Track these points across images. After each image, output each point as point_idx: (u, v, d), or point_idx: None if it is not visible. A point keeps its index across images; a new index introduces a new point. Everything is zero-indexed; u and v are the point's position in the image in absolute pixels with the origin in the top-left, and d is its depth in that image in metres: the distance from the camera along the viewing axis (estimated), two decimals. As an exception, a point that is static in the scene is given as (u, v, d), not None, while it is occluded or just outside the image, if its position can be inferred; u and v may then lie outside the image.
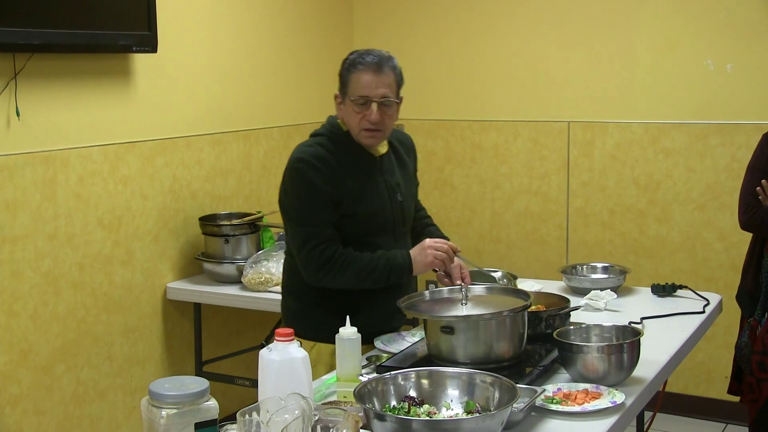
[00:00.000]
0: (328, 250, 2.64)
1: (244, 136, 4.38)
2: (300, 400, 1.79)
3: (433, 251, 2.70)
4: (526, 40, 4.76)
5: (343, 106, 2.74)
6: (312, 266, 2.66)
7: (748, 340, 3.33)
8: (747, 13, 4.26)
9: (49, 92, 3.45)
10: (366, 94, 2.68)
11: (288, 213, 2.74)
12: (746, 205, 3.27)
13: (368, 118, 2.69)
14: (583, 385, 2.30)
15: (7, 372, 3.34)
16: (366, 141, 2.74)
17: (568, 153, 4.72)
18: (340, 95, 2.75)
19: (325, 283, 2.68)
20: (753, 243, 3.40)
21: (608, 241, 4.67)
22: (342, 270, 2.64)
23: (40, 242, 3.43)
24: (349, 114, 2.72)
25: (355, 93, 2.69)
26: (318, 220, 2.66)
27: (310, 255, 2.65)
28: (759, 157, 3.33)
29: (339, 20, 5.03)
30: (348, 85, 2.71)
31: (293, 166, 2.70)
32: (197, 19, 4.11)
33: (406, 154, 2.96)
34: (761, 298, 3.31)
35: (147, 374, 3.90)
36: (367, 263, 2.66)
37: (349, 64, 2.72)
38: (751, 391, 3.32)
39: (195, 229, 4.09)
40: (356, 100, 2.68)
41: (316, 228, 2.66)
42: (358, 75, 2.69)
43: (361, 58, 2.70)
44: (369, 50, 2.74)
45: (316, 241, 2.65)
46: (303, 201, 2.67)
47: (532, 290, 2.90)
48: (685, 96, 4.43)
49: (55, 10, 3.35)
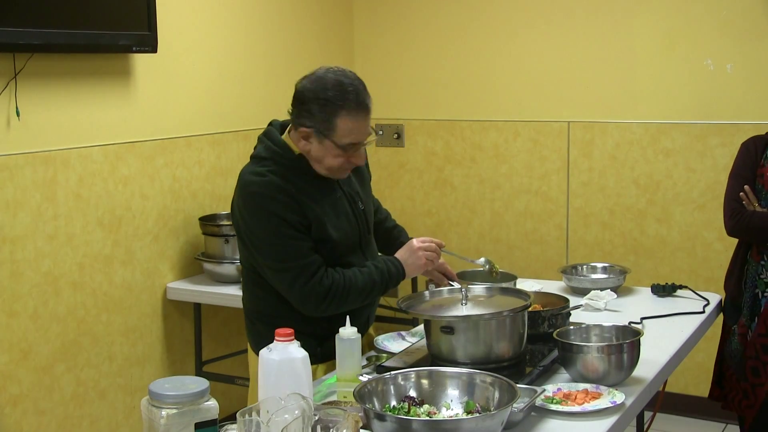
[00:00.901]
0: (325, 279, 2.48)
1: (244, 136, 4.38)
2: (300, 400, 1.79)
3: (424, 252, 2.62)
4: (526, 40, 4.76)
5: (314, 143, 2.49)
6: (312, 301, 2.48)
7: (740, 346, 3.32)
8: (747, 13, 4.26)
9: (49, 92, 3.45)
10: (357, 140, 2.48)
11: (259, 249, 2.51)
12: (732, 211, 3.27)
13: (355, 161, 2.53)
14: (583, 385, 2.30)
15: (7, 372, 3.34)
16: (341, 176, 2.58)
17: (568, 153, 4.72)
18: (313, 133, 2.47)
19: (329, 312, 2.52)
20: (737, 249, 3.39)
21: (608, 241, 4.67)
22: (344, 296, 2.50)
23: (40, 242, 3.43)
24: (325, 153, 2.48)
25: (343, 139, 2.46)
26: (300, 252, 2.47)
27: (306, 290, 2.47)
28: (740, 164, 3.34)
29: (339, 20, 5.03)
30: (333, 129, 2.44)
31: (255, 204, 2.48)
32: (197, 19, 4.11)
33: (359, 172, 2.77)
34: (747, 303, 3.30)
35: (147, 374, 3.90)
36: (365, 282, 2.53)
37: (331, 105, 2.44)
38: (746, 396, 3.32)
39: (195, 229, 4.09)
40: (345, 146, 2.47)
41: (303, 260, 2.47)
42: (346, 120, 2.44)
43: (344, 97, 2.44)
44: (341, 79, 2.46)
45: (308, 274, 2.47)
46: (276, 236, 2.46)
47: (532, 290, 2.90)
48: (685, 96, 4.42)
49: (55, 10, 3.35)
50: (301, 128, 2.48)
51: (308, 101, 2.46)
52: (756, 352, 3.26)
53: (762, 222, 3.21)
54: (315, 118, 2.46)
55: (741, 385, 3.34)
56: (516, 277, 3.07)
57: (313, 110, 2.45)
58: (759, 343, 3.26)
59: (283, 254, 2.47)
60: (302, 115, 2.48)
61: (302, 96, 2.48)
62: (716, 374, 3.49)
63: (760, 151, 3.31)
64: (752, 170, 3.29)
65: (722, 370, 3.45)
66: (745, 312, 3.30)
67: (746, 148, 3.35)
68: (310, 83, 2.47)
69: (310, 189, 2.53)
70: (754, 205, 3.23)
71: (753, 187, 3.25)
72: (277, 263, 2.50)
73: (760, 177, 3.27)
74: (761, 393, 3.26)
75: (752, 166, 3.30)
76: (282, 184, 2.48)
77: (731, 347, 3.36)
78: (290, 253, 2.47)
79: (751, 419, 3.30)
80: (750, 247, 3.32)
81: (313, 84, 2.47)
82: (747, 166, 3.31)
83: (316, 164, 2.53)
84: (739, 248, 3.38)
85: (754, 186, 3.26)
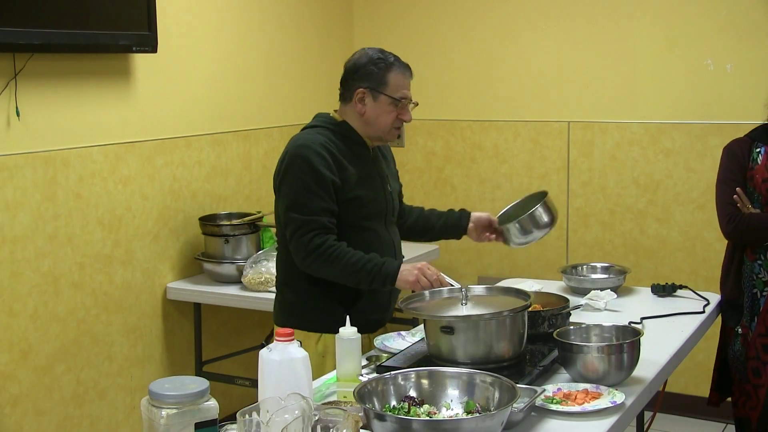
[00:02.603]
0: (318, 238, 2.66)
1: (244, 136, 4.38)
2: (300, 400, 1.79)
3: (422, 277, 2.64)
4: (526, 41, 4.76)
5: (369, 102, 2.78)
6: (300, 252, 2.68)
7: (742, 348, 3.31)
8: (747, 13, 4.26)
9: (49, 92, 3.45)
10: (407, 95, 2.79)
11: (285, 198, 2.74)
12: (728, 216, 3.25)
13: (404, 117, 2.81)
14: (583, 385, 2.30)
15: (7, 372, 3.34)
16: (391, 137, 2.85)
17: (568, 153, 4.72)
18: (368, 91, 2.77)
19: (312, 271, 2.72)
20: (731, 251, 3.37)
21: (608, 241, 4.67)
22: (329, 262, 2.66)
23: (40, 242, 3.43)
24: (380, 110, 2.78)
25: (396, 92, 2.77)
26: (316, 208, 2.68)
27: (300, 241, 2.67)
28: (726, 169, 3.32)
29: (339, 20, 5.03)
30: (386, 84, 2.76)
31: (296, 153, 2.72)
32: (197, 19, 4.11)
33: (386, 152, 3.04)
34: (746, 303, 3.30)
35: (147, 374, 3.90)
36: (356, 261, 2.66)
37: (383, 63, 2.77)
38: (749, 398, 3.31)
39: (195, 229, 4.09)
40: (397, 99, 2.77)
41: (313, 216, 2.67)
42: (397, 75, 2.78)
43: (395, 59, 2.79)
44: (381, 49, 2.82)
45: (309, 227, 2.67)
46: (304, 187, 2.68)
47: (532, 290, 2.90)
48: (685, 96, 4.43)
49: (55, 10, 3.35)
50: (358, 90, 2.77)
51: (362, 66, 2.78)
52: (756, 352, 3.26)
53: (759, 223, 3.20)
54: (370, 77, 2.76)
55: (743, 387, 3.33)
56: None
57: (368, 70, 2.77)
58: (759, 342, 3.26)
59: (302, 203, 2.68)
60: (357, 79, 2.78)
61: (354, 66, 2.80)
62: (715, 380, 3.49)
63: (746, 154, 3.29)
64: (741, 173, 3.28)
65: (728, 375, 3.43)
66: (745, 313, 3.30)
67: (731, 152, 3.33)
68: (359, 56, 2.81)
69: (349, 154, 2.79)
70: (747, 207, 3.22)
71: (744, 190, 3.25)
72: (291, 212, 2.70)
73: (750, 180, 3.26)
74: (762, 394, 3.25)
75: (741, 170, 3.28)
76: (326, 142, 2.74)
77: (734, 350, 3.35)
78: (305, 206, 2.68)
79: (756, 421, 3.30)
80: (745, 248, 3.31)
81: (360, 55, 2.81)
82: (735, 170, 3.29)
83: (369, 127, 2.81)
84: (733, 250, 3.36)
85: (746, 189, 3.25)
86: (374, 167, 2.87)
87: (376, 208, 2.84)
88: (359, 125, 2.81)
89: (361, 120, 2.80)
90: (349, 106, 2.81)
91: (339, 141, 2.78)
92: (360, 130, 2.82)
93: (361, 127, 2.81)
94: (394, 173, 3.03)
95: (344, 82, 2.83)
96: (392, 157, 3.08)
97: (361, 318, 2.61)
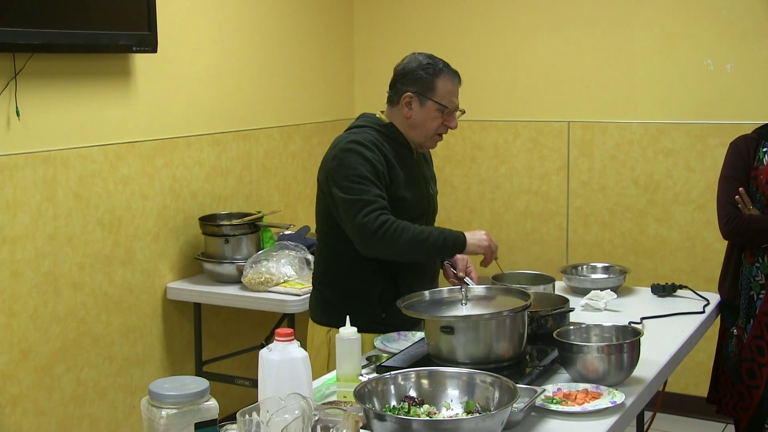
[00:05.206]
0: (383, 216, 2.66)
1: (244, 136, 4.38)
2: (300, 400, 1.79)
3: (489, 240, 2.78)
4: (526, 40, 4.76)
5: (415, 107, 2.80)
6: (367, 231, 2.65)
7: (735, 348, 3.31)
8: (747, 13, 4.26)
9: (49, 92, 3.45)
10: (455, 103, 2.83)
11: (342, 187, 2.72)
12: (728, 216, 3.22)
13: (450, 124, 2.84)
14: (583, 385, 2.30)
15: (7, 372, 3.34)
16: (432, 144, 2.88)
17: (568, 153, 4.72)
18: (416, 96, 2.79)
19: (379, 250, 2.69)
20: (729, 252, 3.36)
21: (608, 241, 4.67)
22: (395, 237, 2.65)
23: (40, 242, 3.43)
24: (426, 116, 2.80)
25: (445, 99, 2.80)
26: (375, 192, 2.69)
27: (366, 220, 2.65)
28: (730, 166, 3.28)
29: (339, 20, 5.03)
30: (434, 90, 2.78)
31: (349, 147, 2.74)
32: (197, 19, 4.11)
33: (427, 155, 3.06)
34: (743, 305, 3.29)
35: (147, 374, 3.90)
36: (421, 231, 2.69)
37: (432, 68, 2.79)
38: (741, 399, 3.31)
39: (195, 229, 4.09)
40: (444, 106, 2.79)
41: (368, 197, 2.68)
42: (446, 82, 2.80)
43: (444, 65, 2.82)
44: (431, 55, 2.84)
45: (372, 207, 2.66)
46: (361, 176, 2.69)
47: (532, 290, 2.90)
48: (685, 96, 4.43)
49: (55, 10, 3.35)
50: (405, 94, 2.80)
51: (411, 71, 2.80)
52: (751, 354, 3.26)
53: (759, 225, 3.18)
54: (418, 82, 2.79)
55: (736, 388, 3.33)
56: (553, 279, 3.12)
57: (417, 75, 2.79)
58: (754, 344, 3.25)
59: (361, 188, 2.69)
60: (405, 83, 2.81)
61: (404, 70, 2.82)
62: (714, 378, 3.49)
63: (752, 152, 3.24)
64: (745, 172, 3.24)
65: (718, 374, 3.44)
66: (741, 314, 3.30)
67: (737, 149, 3.28)
68: (408, 61, 2.84)
69: (396, 155, 2.82)
70: (749, 208, 3.20)
71: (747, 189, 3.23)
72: (349, 196, 2.70)
73: (753, 179, 3.23)
74: (757, 395, 3.25)
75: (744, 168, 3.24)
76: (375, 140, 2.78)
77: (727, 350, 3.35)
78: (365, 191, 2.69)
79: (746, 422, 3.29)
80: (743, 249, 3.30)
81: (410, 59, 2.84)
82: (739, 168, 3.25)
83: (414, 131, 2.84)
84: (732, 250, 3.35)
85: (748, 188, 3.23)
86: (418, 170, 2.90)
87: (419, 211, 2.87)
88: (404, 129, 2.84)
89: (406, 124, 2.83)
90: (396, 110, 2.84)
91: (386, 141, 2.81)
92: (404, 134, 2.85)
93: (406, 131, 2.84)
94: (433, 176, 3.06)
95: (393, 85, 2.85)
96: (432, 160, 3.10)
97: (398, 317, 2.61)
